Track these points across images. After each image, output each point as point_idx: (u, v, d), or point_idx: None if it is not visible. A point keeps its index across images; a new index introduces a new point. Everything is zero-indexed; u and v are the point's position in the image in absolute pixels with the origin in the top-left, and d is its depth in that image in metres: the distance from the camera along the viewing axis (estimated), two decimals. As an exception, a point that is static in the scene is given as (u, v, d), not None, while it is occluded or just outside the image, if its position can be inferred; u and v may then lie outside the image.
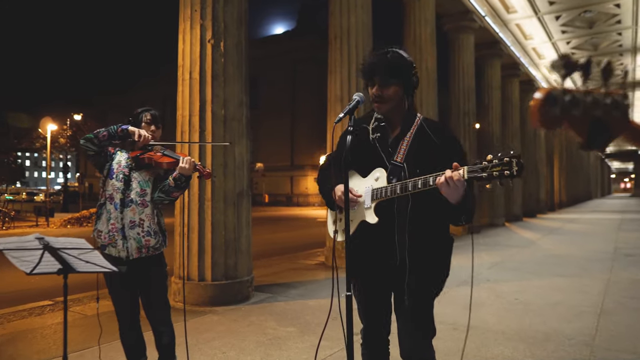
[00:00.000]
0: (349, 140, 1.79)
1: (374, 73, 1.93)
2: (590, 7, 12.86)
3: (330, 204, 2.10)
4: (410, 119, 1.99)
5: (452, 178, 1.63)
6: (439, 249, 1.94)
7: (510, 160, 1.53)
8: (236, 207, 4.87)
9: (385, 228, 1.88)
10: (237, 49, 4.92)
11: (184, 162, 2.45)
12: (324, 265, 7.19)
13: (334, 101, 7.20)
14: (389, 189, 1.83)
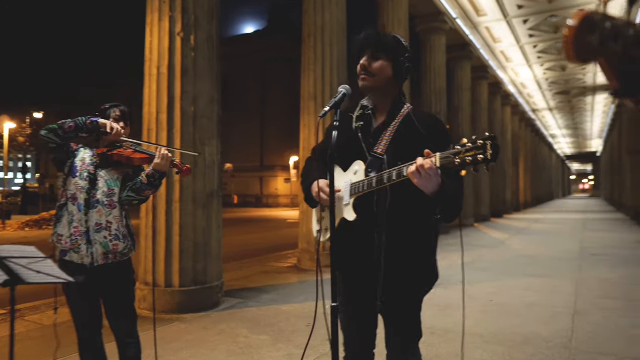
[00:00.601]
0: (334, 135, 1.65)
1: (363, 47, 1.83)
2: (556, 12, 13.17)
3: (311, 201, 1.96)
4: (398, 108, 1.86)
5: (424, 166, 1.49)
6: (420, 249, 1.82)
7: (484, 143, 1.40)
8: (206, 209, 4.65)
9: (365, 226, 1.75)
10: (209, 44, 4.70)
11: (160, 157, 2.25)
12: (296, 268, 7.03)
13: (308, 99, 7.05)
14: (366, 183, 1.70)
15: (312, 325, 1.80)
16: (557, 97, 24.84)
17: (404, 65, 1.84)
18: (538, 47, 16.23)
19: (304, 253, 7.04)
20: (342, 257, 1.80)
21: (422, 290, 1.85)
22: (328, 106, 1.68)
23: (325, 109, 1.67)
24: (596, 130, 37.25)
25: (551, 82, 21.35)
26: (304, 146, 7.13)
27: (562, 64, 18.42)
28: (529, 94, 23.87)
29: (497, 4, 12.51)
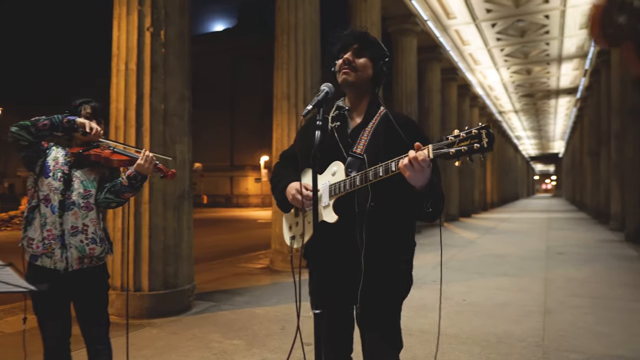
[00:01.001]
0: (317, 135, 1.59)
1: (348, 43, 1.80)
2: (522, 17, 13.50)
3: (284, 206, 1.90)
4: (374, 109, 1.84)
5: (417, 158, 1.47)
6: (401, 248, 1.79)
7: (479, 132, 1.38)
8: (177, 210, 4.51)
9: (346, 227, 1.70)
10: (180, 40, 4.56)
11: (143, 159, 2.14)
12: (269, 269, 6.93)
13: (281, 99, 6.96)
14: (348, 182, 1.66)
15: (296, 332, 1.74)
16: (523, 99, 25.55)
17: (383, 69, 1.83)
18: (505, 50, 16.62)
19: (277, 254, 6.95)
20: (322, 259, 1.75)
21: (401, 294, 1.82)
22: (311, 104, 1.62)
23: (308, 108, 1.61)
24: (559, 132, 38.56)
25: (517, 84, 21.93)
26: (277, 146, 7.04)
27: (528, 67, 18.94)
28: (495, 96, 24.44)
29: (467, 8, 12.73)
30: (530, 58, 17.50)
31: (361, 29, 1.85)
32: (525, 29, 14.49)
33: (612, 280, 5.97)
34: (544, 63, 18.38)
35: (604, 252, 8.47)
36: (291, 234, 1.90)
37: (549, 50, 16.59)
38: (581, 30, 14.56)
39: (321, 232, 1.71)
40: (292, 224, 1.91)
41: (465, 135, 1.40)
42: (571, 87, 22.42)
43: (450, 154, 1.42)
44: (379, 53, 1.82)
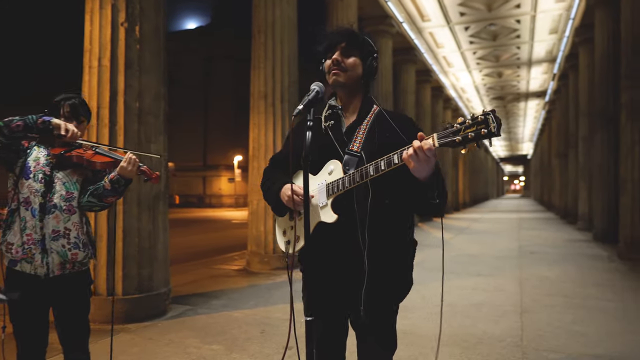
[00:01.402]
0: (308, 136, 1.54)
1: (336, 42, 1.75)
2: (495, 21, 13.76)
3: (279, 210, 1.84)
4: (368, 107, 1.81)
5: (422, 148, 1.43)
6: (401, 250, 1.75)
7: (485, 117, 1.35)
8: (152, 212, 4.38)
9: (346, 227, 1.65)
10: (155, 36, 4.43)
11: (127, 161, 2.05)
12: (245, 271, 6.82)
13: (258, 98, 6.87)
14: (347, 179, 1.62)
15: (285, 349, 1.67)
16: (493, 102, 26.10)
17: (373, 65, 1.80)
18: (477, 53, 16.92)
19: (253, 255, 6.84)
20: (319, 262, 1.69)
21: (402, 295, 1.78)
22: (301, 104, 1.57)
23: (299, 108, 1.56)
24: (527, 134, 39.58)
25: (488, 87, 22.38)
26: (254, 145, 6.94)
27: (499, 70, 19.35)
28: (468, 98, 24.89)
29: (441, 11, 12.88)
30: (502, 61, 17.88)
31: (348, 26, 1.81)
32: (497, 32, 14.78)
33: (583, 279, 6.12)
34: (515, 66, 18.81)
35: (574, 251, 8.70)
36: (286, 238, 1.85)
37: (520, 54, 16.97)
38: (550, 35, 14.97)
39: (318, 233, 1.66)
40: (287, 228, 1.85)
41: (471, 121, 1.37)
42: (540, 90, 23.04)
43: (457, 141, 1.39)
44: (368, 49, 1.78)
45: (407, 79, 15.17)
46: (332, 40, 1.76)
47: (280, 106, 6.80)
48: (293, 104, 6.97)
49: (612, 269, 6.89)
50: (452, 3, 12.38)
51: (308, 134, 1.53)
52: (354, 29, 1.81)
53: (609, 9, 10.01)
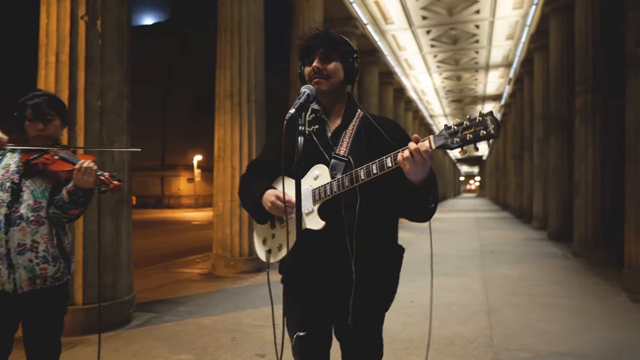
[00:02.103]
0: (300, 142, 1.47)
1: (314, 47, 1.69)
2: (455, 26, 14.10)
3: (260, 217, 1.76)
4: (352, 110, 1.77)
5: (419, 150, 1.40)
6: (390, 257, 1.72)
7: (483, 118, 1.34)
8: (114, 216, 4.17)
9: (333, 234, 1.59)
10: (118, 31, 4.22)
11: (81, 170, 1.86)
12: (211, 275, 6.65)
13: (224, 97, 6.71)
14: (335, 184, 1.57)
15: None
16: (452, 104, 26.80)
17: (354, 66, 1.75)
18: (438, 56, 17.30)
19: (219, 259, 6.68)
20: (304, 271, 1.63)
21: (388, 305, 1.75)
22: (293, 108, 1.50)
23: (291, 111, 1.49)
24: (483, 136, 40.79)
25: (447, 90, 22.95)
26: (219, 146, 6.77)
27: (458, 74, 19.86)
28: (427, 100, 25.43)
29: (404, 14, 13.07)
30: (461, 65, 18.36)
31: (324, 30, 1.74)
32: (458, 37, 15.15)
33: (543, 277, 6.34)
34: (473, 70, 19.37)
35: (532, 250, 9.02)
36: (266, 247, 1.77)
37: (478, 58, 17.49)
38: (507, 40, 15.50)
39: (303, 241, 1.60)
40: (267, 237, 1.78)
41: (469, 123, 1.36)
42: (496, 94, 23.83)
43: (455, 143, 1.37)
44: (346, 51, 1.73)
45: (371, 81, 15.31)
46: (309, 46, 1.71)
47: (246, 106, 6.67)
48: (260, 104, 6.87)
49: (567, 267, 7.18)
50: (414, 7, 12.59)
51: (300, 139, 1.47)
52: (331, 31, 1.75)
53: (563, 17, 10.45)
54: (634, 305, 4.80)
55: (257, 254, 1.82)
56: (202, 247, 10.21)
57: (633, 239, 5.27)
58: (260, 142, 6.83)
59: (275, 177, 1.79)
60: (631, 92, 5.37)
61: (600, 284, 5.84)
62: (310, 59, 1.70)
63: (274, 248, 1.74)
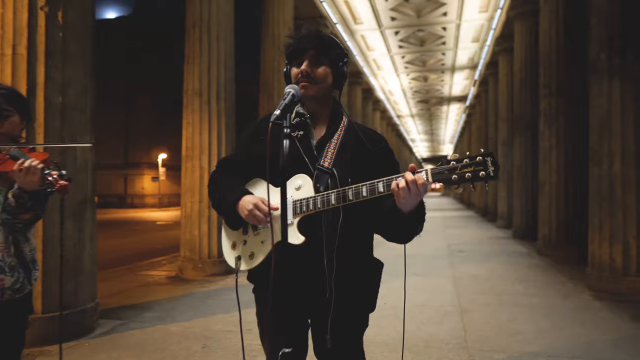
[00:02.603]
0: (286, 145, 1.38)
1: (304, 49, 1.60)
2: (423, 27, 14.28)
3: (233, 222, 1.66)
4: (338, 117, 1.69)
5: (416, 182, 1.36)
6: (370, 275, 1.67)
7: (484, 159, 1.32)
8: (77, 219, 3.95)
9: (312, 250, 1.52)
10: (81, 23, 4.00)
11: (22, 169, 1.67)
12: (178, 278, 6.44)
13: (192, 95, 6.51)
14: (319, 200, 1.49)
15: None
16: (419, 104, 27.19)
17: (344, 71, 1.67)
18: (406, 57, 17.48)
19: (187, 261, 6.49)
20: (282, 287, 1.55)
21: (366, 323, 1.70)
22: (278, 109, 1.41)
23: (276, 113, 1.40)
24: (448, 136, 41.71)
25: (414, 91, 23.25)
26: (187, 145, 6.57)
27: (425, 75, 20.15)
28: (395, 100, 25.70)
29: (373, 14, 13.13)
30: (428, 66, 18.63)
31: (315, 30, 1.65)
32: (425, 38, 15.36)
33: (510, 276, 6.46)
34: (439, 72, 19.70)
35: (498, 249, 9.21)
36: (236, 253, 1.66)
37: (445, 60, 17.78)
38: (473, 43, 15.82)
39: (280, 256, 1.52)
40: (238, 242, 1.67)
41: (468, 161, 1.34)
42: (462, 95, 24.32)
43: (453, 180, 1.35)
44: (337, 54, 1.65)
45: (340, 80, 15.29)
46: (299, 46, 1.61)
47: (216, 105, 6.50)
48: (230, 102, 6.71)
49: (532, 265, 7.35)
50: (384, 7, 12.66)
51: (285, 142, 1.38)
52: (322, 32, 1.66)
53: (527, 21, 10.72)
54: (598, 303, 4.94)
55: (225, 257, 1.71)
56: (168, 248, 9.94)
57: (597, 239, 5.43)
58: (230, 142, 6.68)
59: (250, 178, 1.69)
60: (595, 96, 5.53)
61: (565, 283, 6.00)
62: (298, 60, 1.62)
63: (244, 255, 1.64)
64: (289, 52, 1.66)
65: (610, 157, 5.31)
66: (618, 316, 4.47)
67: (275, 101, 9.01)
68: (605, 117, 5.35)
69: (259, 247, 1.60)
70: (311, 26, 1.67)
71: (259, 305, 1.71)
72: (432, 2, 12.47)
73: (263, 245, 1.59)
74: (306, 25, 1.67)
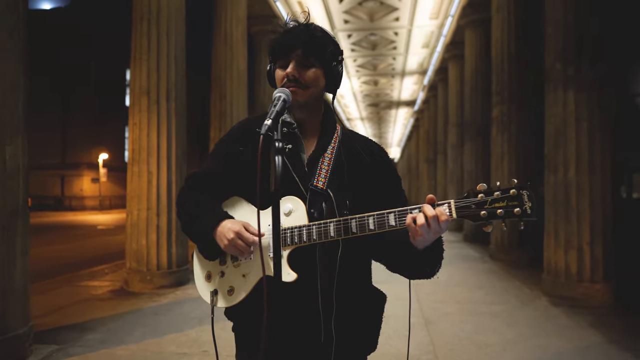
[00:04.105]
0: (278, 163, 1.12)
1: (290, 47, 1.33)
2: (375, 31, 14.34)
3: (209, 251, 1.39)
4: (331, 126, 1.44)
5: (439, 218, 1.15)
6: (373, 312, 1.45)
7: (518, 192, 1.13)
8: (6, 232, 3.46)
9: (304, 286, 1.28)
10: (11, 10, 3.51)
11: None
12: (123, 291, 5.95)
13: (140, 94, 6.05)
14: (315, 230, 1.25)
15: None
16: (369, 108, 27.47)
17: (338, 72, 1.41)
18: (357, 61, 17.53)
19: (133, 273, 6.00)
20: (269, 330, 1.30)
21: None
22: (270, 118, 1.16)
23: (267, 123, 1.14)
24: (396, 139, 42.55)
25: (365, 94, 23.44)
26: (133, 148, 6.09)
27: (376, 79, 20.33)
28: (345, 103, 25.79)
29: (327, 16, 13.01)
30: (379, 70, 18.79)
31: (304, 24, 1.38)
32: (377, 42, 15.44)
33: (467, 282, 6.49)
34: (390, 76, 19.93)
35: (451, 252, 9.22)
36: (211, 286, 1.39)
37: (395, 64, 18.00)
38: (423, 49, 16.09)
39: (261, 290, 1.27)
40: (214, 273, 1.40)
41: (500, 194, 1.14)
42: (410, 99, 24.80)
43: (482, 216, 1.14)
44: (331, 52, 1.38)
45: (293, 82, 15.06)
46: (285, 44, 1.35)
47: (165, 105, 6.07)
48: (181, 102, 6.30)
49: (487, 270, 7.45)
50: (337, 10, 12.57)
51: (278, 159, 1.12)
52: (312, 26, 1.38)
53: (478, 30, 10.98)
54: (556, 310, 5.01)
55: (197, 289, 1.43)
56: (111, 255, 9.30)
57: (552, 245, 5.52)
58: (181, 144, 6.28)
59: (226, 196, 1.43)
60: (550, 105, 5.64)
61: (522, 288, 6.08)
62: (284, 60, 1.35)
63: (221, 290, 1.37)
64: (273, 49, 1.40)
65: (566, 164, 5.42)
66: (577, 323, 4.53)
67: (228, 100, 8.63)
68: (561, 126, 5.46)
69: (239, 281, 1.34)
70: (298, 19, 1.42)
71: (239, 350, 1.44)
72: (385, 7, 12.52)
73: (245, 280, 1.33)
74: (293, 17, 1.42)
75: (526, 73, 8.13)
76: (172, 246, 6.06)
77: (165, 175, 6.02)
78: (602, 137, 5.32)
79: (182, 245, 6.26)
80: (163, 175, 6.01)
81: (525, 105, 8.05)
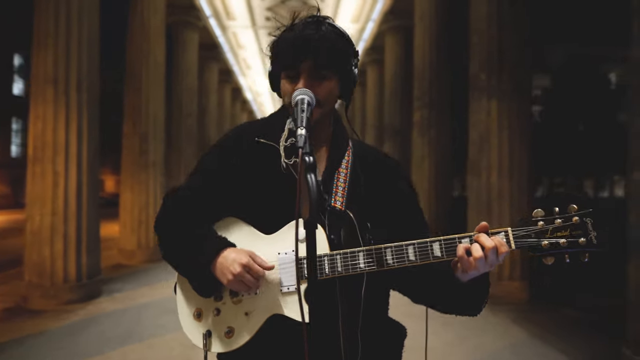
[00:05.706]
0: (312, 184, 0.90)
1: (300, 57, 1.11)
2: (297, 30, 14.27)
3: (204, 287, 1.13)
4: (342, 138, 1.26)
5: (498, 250, 1.01)
6: (394, 349, 1.28)
7: (582, 221, 1.01)
8: None
9: (323, 327, 1.06)
10: None
11: None
12: (21, 309, 5.14)
13: (44, 83, 5.31)
14: (340, 261, 1.06)
15: None
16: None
17: (354, 77, 1.20)
18: (277, 60, 17.37)
19: (34, 288, 5.24)
20: None
21: None
22: (302, 127, 0.94)
23: (302, 133, 0.93)
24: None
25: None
26: (37, 144, 5.34)
27: (294, 78, 20.31)
28: (261, 102, 25.47)
29: (249, 12, 12.66)
30: (299, 70, 18.79)
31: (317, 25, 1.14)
32: (298, 42, 15.39)
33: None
34: (309, 77, 20.03)
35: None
36: (203, 326, 1.14)
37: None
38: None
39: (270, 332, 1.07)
40: (206, 311, 1.15)
41: (561, 221, 1.01)
42: (327, 100, 25.14)
43: (544, 247, 1.01)
44: (347, 60, 1.16)
45: (210, 77, 14.49)
46: (293, 53, 1.12)
47: (76, 96, 5.40)
48: (94, 94, 5.65)
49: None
50: (260, 6, 12.27)
51: (310, 178, 0.90)
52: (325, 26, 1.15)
53: (398, 36, 11.32)
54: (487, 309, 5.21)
55: (184, 329, 1.17)
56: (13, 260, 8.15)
57: (476, 246, 5.77)
58: (93, 141, 5.63)
59: (217, 218, 1.19)
60: (474, 112, 5.89)
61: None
62: (293, 71, 1.12)
63: (217, 331, 1.13)
64: (278, 57, 1.18)
65: (488, 169, 5.69)
66: (502, 320, 4.76)
67: (144, 95, 7.98)
68: (484, 133, 5.72)
69: (241, 321, 1.10)
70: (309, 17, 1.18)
71: None
72: (307, 7, 12.38)
73: (248, 320, 1.09)
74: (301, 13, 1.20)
75: (447, 79, 8.49)
76: (82, 256, 5.41)
77: (75, 176, 5.36)
78: (520, 144, 5.67)
79: (94, 254, 5.62)
80: (72, 175, 5.34)
81: (446, 110, 8.39)
